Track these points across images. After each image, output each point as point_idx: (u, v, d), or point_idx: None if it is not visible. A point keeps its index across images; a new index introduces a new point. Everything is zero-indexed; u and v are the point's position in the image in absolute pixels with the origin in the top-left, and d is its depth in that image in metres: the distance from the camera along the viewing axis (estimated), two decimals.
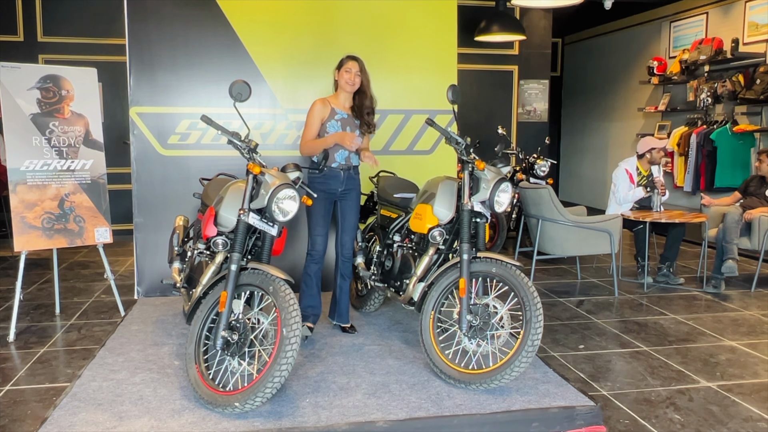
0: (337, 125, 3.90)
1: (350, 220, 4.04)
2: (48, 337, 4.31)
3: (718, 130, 7.25)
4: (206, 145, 5.00)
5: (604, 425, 3.07)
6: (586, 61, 10.95)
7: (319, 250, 3.97)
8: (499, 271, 3.31)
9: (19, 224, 4.37)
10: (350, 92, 3.94)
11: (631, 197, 5.97)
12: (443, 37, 5.25)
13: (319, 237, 3.95)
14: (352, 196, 4.04)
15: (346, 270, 4.09)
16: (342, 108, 3.95)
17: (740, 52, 7.21)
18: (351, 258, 4.10)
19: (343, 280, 4.10)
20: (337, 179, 3.93)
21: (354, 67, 3.87)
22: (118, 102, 7.43)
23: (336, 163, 3.92)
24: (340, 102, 3.96)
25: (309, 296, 4.00)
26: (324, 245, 3.98)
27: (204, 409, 3.00)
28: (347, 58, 3.90)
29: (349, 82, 3.87)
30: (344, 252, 4.05)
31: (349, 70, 3.86)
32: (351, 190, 4.02)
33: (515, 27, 7.85)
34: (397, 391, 3.22)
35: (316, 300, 4.02)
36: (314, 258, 3.97)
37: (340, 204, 4.01)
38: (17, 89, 4.39)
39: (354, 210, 4.05)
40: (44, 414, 3.03)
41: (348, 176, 3.97)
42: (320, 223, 3.94)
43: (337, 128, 3.90)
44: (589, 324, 4.72)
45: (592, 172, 10.55)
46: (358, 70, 3.87)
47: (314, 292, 4.00)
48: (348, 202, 4.02)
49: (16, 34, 7.64)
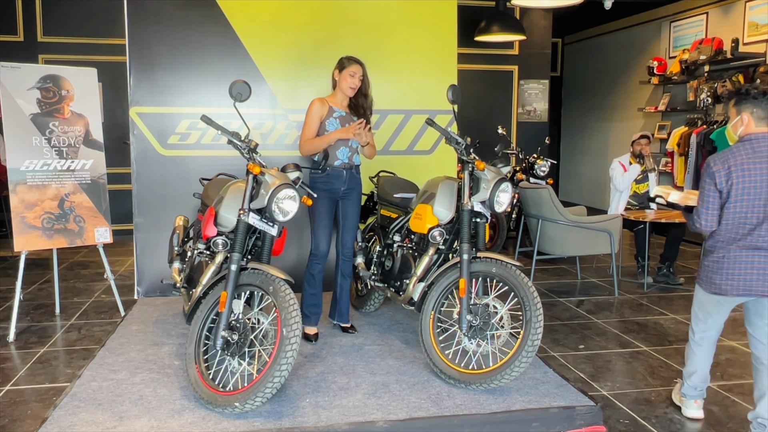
0: (336, 123, 3.91)
1: (351, 220, 4.04)
2: (48, 337, 4.31)
3: (718, 130, 7.24)
4: (206, 145, 5.00)
5: (604, 425, 3.07)
6: (586, 61, 10.94)
7: (323, 251, 3.96)
8: (499, 271, 3.31)
9: (19, 224, 4.37)
10: (350, 95, 3.95)
11: (628, 179, 6.00)
12: (443, 37, 5.25)
13: (322, 237, 3.94)
14: (354, 196, 4.04)
15: (347, 269, 4.10)
16: (340, 106, 3.95)
17: (740, 52, 7.21)
18: (352, 257, 4.11)
19: (344, 280, 4.10)
20: (340, 178, 3.93)
21: (358, 71, 3.86)
22: (118, 102, 7.43)
23: (339, 161, 3.91)
24: (338, 101, 3.97)
25: (311, 296, 3.99)
26: (328, 245, 3.97)
27: (204, 409, 3.00)
28: (350, 61, 3.88)
29: (352, 86, 3.87)
30: (345, 251, 4.05)
31: (353, 75, 3.85)
32: (353, 190, 4.02)
33: (515, 27, 7.85)
34: (397, 391, 3.22)
35: (318, 299, 4.01)
36: (318, 258, 3.96)
37: (342, 203, 4.01)
38: (17, 89, 4.39)
39: (355, 209, 4.05)
40: (44, 414, 3.03)
41: (350, 175, 3.97)
42: (324, 223, 3.93)
43: (337, 126, 3.90)
44: (589, 324, 4.72)
45: (592, 172, 10.55)
46: (361, 75, 3.88)
47: (317, 292, 3.99)
48: (349, 202, 4.02)
49: (16, 34, 7.64)
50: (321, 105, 3.90)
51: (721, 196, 2.91)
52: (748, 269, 2.90)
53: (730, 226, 2.91)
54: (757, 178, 2.84)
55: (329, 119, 3.91)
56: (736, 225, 2.90)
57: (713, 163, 2.92)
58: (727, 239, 2.93)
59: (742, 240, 2.90)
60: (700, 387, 3.22)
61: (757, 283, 2.89)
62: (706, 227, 2.96)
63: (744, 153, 2.88)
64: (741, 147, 2.91)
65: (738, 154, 2.89)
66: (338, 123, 3.91)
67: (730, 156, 2.90)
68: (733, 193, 2.86)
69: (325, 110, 3.91)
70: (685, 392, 3.25)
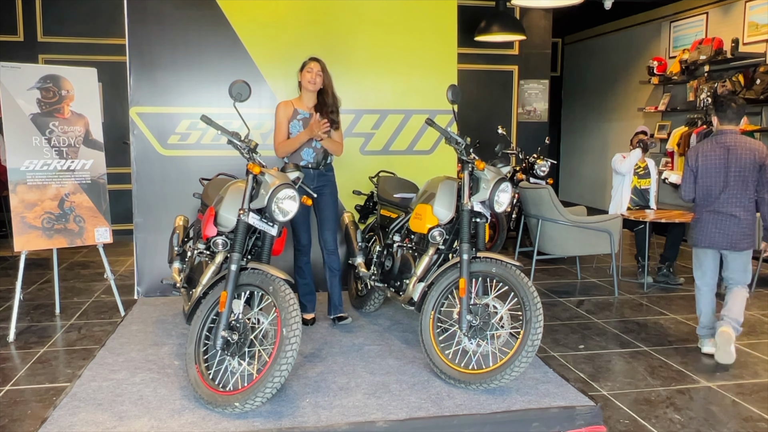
0: (299, 125, 4.05)
1: (328, 215, 4.17)
2: (48, 337, 4.31)
3: None
4: (206, 145, 5.00)
5: (604, 425, 3.07)
6: (586, 61, 10.94)
7: (304, 243, 4.16)
8: (499, 271, 3.31)
9: (19, 224, 4.37)
10: (313, 91, 4.08)
11: (629, 163, 5.97)
12: (443, 37, 5.25)
13: (301, 231, 4.14)
14: (326, 192, 4.16)
15: (332, 264, 4.22)
16: (305, 108, 4.10)
17: (740, 52, 7.21)
18: (335, 251, 4.22)
19: (332, 275, 4.23)
20: (308, 177, 4.03)
21: (315, 67, 4.03)
22: (118, 102, 7.43)
23: (304, 161, 4.06)
24: (304, 103, 4.12)
25: (303, 285, 4.22)
26: (308, 238, 4.16)
27: (204, 409, 3.00)
28: (309, 60, 4.07)
29: (311, 81, 4.02)
30: (327, 246, 4.20)
31: (311, 70, 4.02)
32: (324, 187, 4.14)
33: (515, 27, 7.85)
34: (397, 391, 3.22)
35: (310, 287, 4.25)
36: (301, 251, 4.17)
37: (316, 201, 4.06)
38: (17, 89, 4.39)
39: (330, 205, 4.17)
40: (44, 414, 3.03)
41: (318, 173, 4.11)
42: (301, 219, 4.08)
43: (299, 128, 4.05)
44: (589, 324, 4.72)
45: (592, 172, 10.55)
46: (319, 70, 4.03)
47: (308, 281, 4.24)
48: (323, 198, 4.13)
49: (16, 34, 7.64)
50: (285, 107, 4.08)
51: (694, 174, 3.99)
52: (712, 228, 3.96)
53: (700, 197, 4.00)
54: (716, 162, 3.93)
55: (293, 121, 4.06)
56: (704, 195, 3.98)
57: (690, 151, 4.10)
58: (700, 206, 4.02)
59: (709, 206, 3.96)
60: (709, 326, 4.08)
61: (719, 239, 3.94)
62: (685, 197, 4.08)
63: (709, 144, 4.00)
64: (709, 140, 4.05)
65: (706, 145, 4.02)
66: (300, 125, 4.06)
67: (700, 146, 4.04)
68: (700, 172, 3.97)
69: (289, 112, 4.07)
70: (699, 332, 4.17)
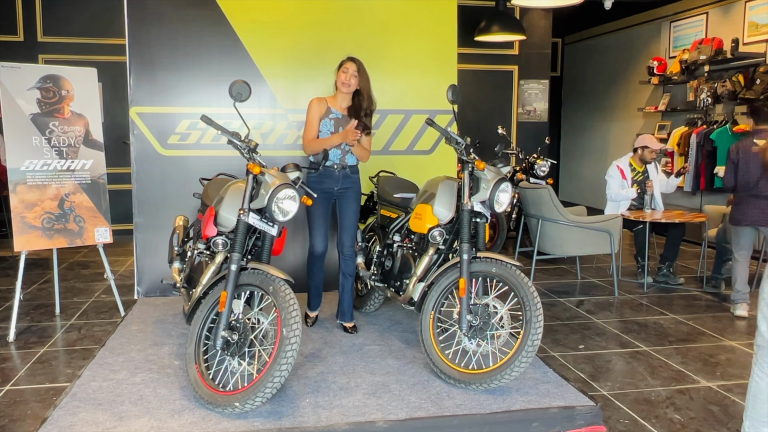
0: (330, 124, 3.95)
1: (349, 219, 4.05)
2: (48, 337, 4.31)
3: (718, 130, 7.24)
4: (206, 145, 5.00)
5: (604, 425, 3.07)
6: (586, 61, 10.94)
7: (319, 251, 4.03)
8: (499, 271, 3.31)
9: (19, 224, 4.37)
10: (347, 93, 3.95)
11: (623, 196, 5.99)
12: (443, 37, 5.25)
13: (318, 237, 4.01)
14: (350, 195, 4.05)
15: (348, 268, 4.09)
16: (338, 108, 3.98)
17: (740, 52, 7.21)
18: (352, 256, 4.11)
19: (346, 279, 4.11)
20: (332, 178, 3.96)
21: (351, 67, 3.88)
22: (118, 102, 7.43)
23: (330, 162, 3.94)
24: (338, 102, 3.99)
25: (313, 287, 4.20)
26: (324, 245, 4.03)
27: (204, 409, 3.00)
28: (346, 59, 3.93)
29: (345, 82, 3.88)
30: (345, 251, 4.07)
31: (346, 71, 3.88)
32: (348, 189, 4.04)
33: (515, 27, 7.85)
34: (397, 391, 3.22)
35: (319, 290, 4.26)
36: (315, 258, 4.06)
37: (339, 203, 4.03)
38: (17, 89, 4.39)
39: (352, 208, 4.06)
40: (44, 414, 3.03)
41: (344, 175, 4.00)
42: (319, 223, 3.99)
43: (330, 126, 3.95)
44: (589, 324, 4.72)
45: (592, 172, 10.54)
46: (354, 71, 3.88)
47: (318, 284, 4.21)
48: (346, 201, 4.04)
49: (16, 34, 7.65)
50: (318, 104, 3.96)
51: (735, 166, 4.81)
52: (753, 209, 4.75)
53: (741, 185, 4.80)
54: (751, 156, 4.72)
55: (324, 119, 3.95)
56: (744, 183, 4.78)
57: (732, 147, 4.91)
58: (741, 191, 4.83)
59: (749, 192, 4.76)
60: (743, 291, 4.90)
61: (759, 217, 4.73)
62: (727, 184, 4.90)
63: (746, 141, 4.88)
64: (747, 137, 4.94)
65: (744, 142, 4.87)
66: (332, 124, 3.95)
67: (740, 143, 4.88)
68: (740, 164, 4.78)
69: (322, 109, 3.96)
70: (733, 297, 4.96)
